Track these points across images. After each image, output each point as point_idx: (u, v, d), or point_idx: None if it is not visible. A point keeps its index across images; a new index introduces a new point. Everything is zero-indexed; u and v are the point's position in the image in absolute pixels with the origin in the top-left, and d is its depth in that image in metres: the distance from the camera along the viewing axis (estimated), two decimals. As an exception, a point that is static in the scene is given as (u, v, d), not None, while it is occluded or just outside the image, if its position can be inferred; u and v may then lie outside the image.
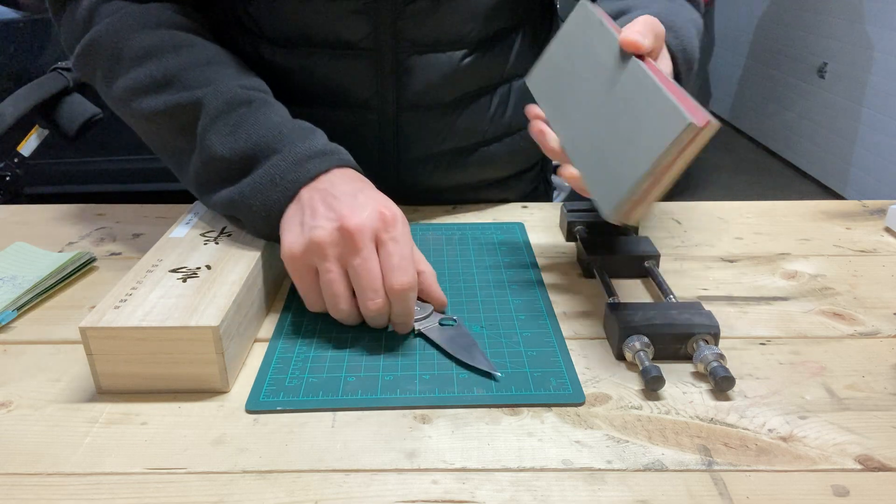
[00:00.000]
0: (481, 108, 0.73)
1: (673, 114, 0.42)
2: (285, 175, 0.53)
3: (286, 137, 0.54)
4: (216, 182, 0.56)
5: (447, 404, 0.45)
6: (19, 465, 0.40)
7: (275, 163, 0.53)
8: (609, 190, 0.46)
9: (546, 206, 0.77)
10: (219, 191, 0.56)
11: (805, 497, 0.38)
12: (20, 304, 0.56)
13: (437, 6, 0.65)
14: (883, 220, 0.73)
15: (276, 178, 0.53)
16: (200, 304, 0.46)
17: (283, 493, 0.38)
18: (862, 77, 3.00)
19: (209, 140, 0.55)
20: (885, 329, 0.53)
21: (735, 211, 0.76)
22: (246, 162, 0.54)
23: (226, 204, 0.56)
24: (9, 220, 0.74)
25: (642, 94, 0.45)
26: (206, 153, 0.55)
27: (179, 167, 0.60)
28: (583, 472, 0.39)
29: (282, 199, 0.52)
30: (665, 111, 0.43)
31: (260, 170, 0.54)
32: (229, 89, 0.56)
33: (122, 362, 0.45)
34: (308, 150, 0.54)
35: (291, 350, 0.50)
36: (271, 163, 0.53)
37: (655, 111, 0.44)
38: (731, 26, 4.10)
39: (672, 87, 0.44)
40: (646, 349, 0.48)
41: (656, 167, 0.43)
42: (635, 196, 0.45)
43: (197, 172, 0.57)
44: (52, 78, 1.42)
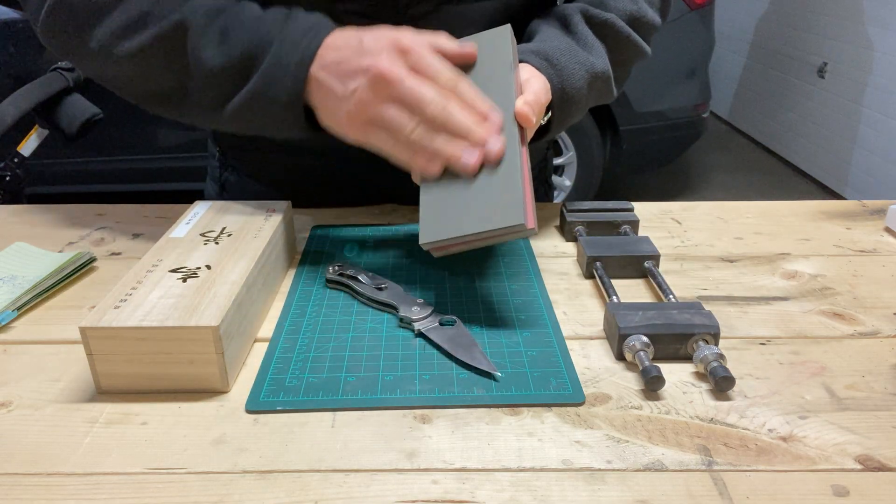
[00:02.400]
0: None
1: (515, 208, 0.48)
2: (289, 60, 0.53)
3: (273, 27, 0.55)
4: (223, 95, 0.57)
5: (447, 404, 0.45)
6: (19, 465, 0.40)
7: (275, 53, 0.54)
8: (434, 226, 0.51)
9: (546, 207, 0.77)
10: (229, 102, 0.56)
11: (805, 497, 0.38)
12: (20, 304, 0.56)
13: (437, 11, 0.65)
14: (883, 220, 0.73)
15: (283, 65, 0.54)
16: (200, 304, 0.46)
17: (283, 493, 0.38)
18: (862, 77, 3.00)
19: (203, 57, 0.55)
20: (885, 329, 0.53)
21: (735, 211, 0.76)
22: (246, 63, 0.55)
23: (241, 110, 0.56)
24: (9, 220, 0.74)
25: (505, 170, 0.51)
26: (203, 71, 0.56)
27: (180, 102, 0.59)
28: (583, 472, 0.39)
29: (296, 82, 0.53)
30: (511, 200, 0.49)
31: (263, 64, 0.54)
32: (202, 2, 0.57)
33: (122, 362, 0.45)
34: (298, 31, 0.54)
35: (291, 350, 0.50)
36: (271, 54, 0.54)
37: (505, 192, 0.50)
38: (731, 26, 4.10)
39: (527, 180, 0.51)
40: (646, 349, 0.48)
41: (477, 236, 0.49)
42: (451, 241, 0.50)
43: (200, 95, 0.57)
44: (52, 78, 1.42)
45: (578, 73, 0.62)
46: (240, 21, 0.56)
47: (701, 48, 2.76)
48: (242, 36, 0.55)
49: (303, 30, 0.54)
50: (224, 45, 0.55)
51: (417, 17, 0.65)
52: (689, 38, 2.72)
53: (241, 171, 0.80)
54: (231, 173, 0.81)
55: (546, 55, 0.61)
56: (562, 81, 0.61)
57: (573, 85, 0.61)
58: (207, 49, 0.55)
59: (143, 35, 0.57)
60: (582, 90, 0.62)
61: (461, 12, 0.66)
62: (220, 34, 0.55)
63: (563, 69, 0.61)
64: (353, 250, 0.66)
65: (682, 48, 2.70)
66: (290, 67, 0.53)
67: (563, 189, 2.79)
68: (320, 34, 0.54)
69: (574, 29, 0.65)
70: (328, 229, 0.70)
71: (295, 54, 0.53)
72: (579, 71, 0.62)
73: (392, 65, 0.50)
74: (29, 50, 2.39)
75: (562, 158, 2.75)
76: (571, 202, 0.70)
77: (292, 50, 0.54)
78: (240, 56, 0.55)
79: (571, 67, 0.61)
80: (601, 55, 0.65)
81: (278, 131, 0.58)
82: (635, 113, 2.68)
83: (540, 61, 0.60)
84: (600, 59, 0.65)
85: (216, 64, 0.55)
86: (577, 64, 0.62)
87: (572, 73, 0.61)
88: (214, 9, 0.56)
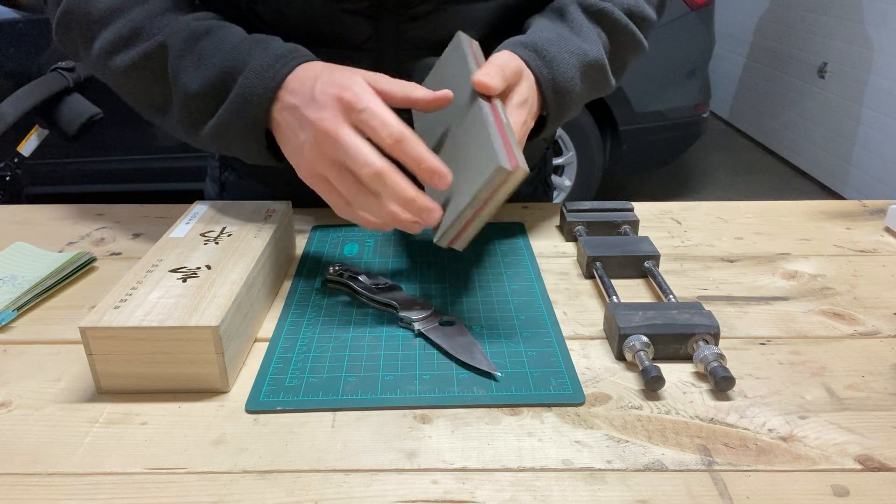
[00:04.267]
0: None
1: (490, 156, 0.47)
2: (254, 90, 0.54)
3: (246, 55, 0.55)
4: (199, 119, 0.57)
5: (447, 404, 0.45)
6: (19, 465, 0.40)
7: (242, 83, 0.54)
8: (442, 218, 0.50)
9: (546, 206, 0.77)
10: (204, 126, 0.57)
11: (805, 497, 0.38)
12: (20, 304, 0.56)
13: (439, 10, 0.65)
14: (883, 220, 0.73)
15: (248, 96, 0.54)
16: (200, 304, 0.46)
17: (283, 493, 0.38)
18: (862, 77, 3.00)
19: (181, 80, 0.57)
20: (885, 329, 0.53)
21: (735, 211, 0.76)
22: (218, 90, 0.56)
23: (213, 136, 0.57)
24: (9, 220, 0.74)
25: (476, 133, 0.50)
26: (182, 93, 0.57)
27: (164, 117, 0.61)
28: (583, 472, 0.39)
29: (258, 114, 0.54)
30: (486, 153, 0.48)
31: (231, 93, 0.55)
32: (186, 25, 0.57)
33: (122, 362, 0.45)
34: (267, 59, 0.54)
35: (291, 350, 0.50)
36: (239, 83, 0.54)
37: (481, 151, 0.49)
38: (731, 26, 4.10)
39: (502, 131, 0.49)
40: (646, 349, 0.48)
41: (475, 201, 0.48)
42: (458, 225, 0.49)
43: (181, 115, 0.58)
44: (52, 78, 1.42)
45: (569, 62, 0.61)
46: (217, 47, 0.56)
47: (701, 48, 2.76)
48: (216, 62, 0.56)
49: (269, 62, 0.54)
50: (200, 70, 0.56)
51: (418, 18, 0.65)
52: (689, 38, 2.72)
53: (241, 171, 0.80)
54: (231, 173, 0.81)
55: (534, 46, 0.60)
56: (552, 72, 0.60)
57: (564, 74, 0.60)
58: (185, 72, 0.57)
59: (133, 51, 0.58)
60: (575, 80, 0.61)
61: (461, 12, 0.66)
62: (198, 59, 0.56)
63: (553, 59, 0.60)
64: (353, 250, 0.66)
65: (682, 48, 2.70)
66: (255, 100, 0.54)
67: (563, 189, 2.79)
68: (285, 67, 0.54)
69: (568, 17, 0.64)
70: (328, 229, 0.70)
71: (259, 86, 0.54)
72: (570, 59, 0.61)
73: (334, 123, 0.48)
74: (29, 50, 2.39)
75: (562, 158, 2.75)
76: (571, 202, 0.70)
77: (258, 81, 0.54)
78: (212, 82, 0.56)
79: (562, 57, 0.60)
80: (594, 42, 0.64)
81: (250, 159, 0.59)
82: (635, 113, 2.68)
83: (528, 53, 0.59)
84: (593, 46, 0.63)
85: (192, 88, 0.56)
86: (567, 53, 0.61)
87: (563, 62, 0.60)
88: (197, 32, 0.57)
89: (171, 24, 0.58)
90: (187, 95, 0.57)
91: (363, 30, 0.65)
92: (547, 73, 0.59)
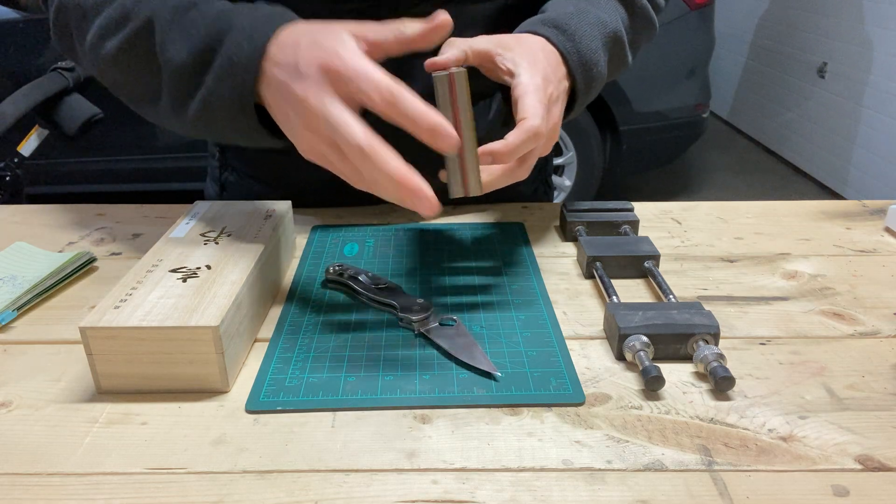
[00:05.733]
0: (480, 113, 0.73)
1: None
2: (240, 54, 0.50)
3: (230, 19, 0.52)
4: (187, 94, 0.54)
5: (447, 404, 0.45)
6: (19, 465, 0.40)
7: (226, 45, 0.51)
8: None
9: (546, 206, 0.77)
10: (192, 101, 0.53)
11: (805, 497, 0.38)
12: (20, 304, 0.56)
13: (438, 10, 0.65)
14: (883, 220, 0.73)
15: (234, 58, 0.50)
16: (200, 304, 0.46)
17: (283, 493, 0.38)
18: (862, 77, 3.00)
19: (168, 54, 0.53)
20: (885, 329, 0.53)
21: (735, 211, 0.76)
22: (204, 57, 0.52)
23: (202, 109, 0.53)
24: (9, 220, 0.74)
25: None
26: (169, 68, 0.53)
27: (157, 106, 0.57)
28: (583, 472, 0.39)
29: (246, 77, 0.50)
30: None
31: (217, 59, 0.51)
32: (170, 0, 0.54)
33: (122, 362, 0.45)
34: (252, 22, 0.51)
35: (291, 350, 0.50)
36: (224, 47, 0.51)
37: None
38: (731, 26, 4.10)
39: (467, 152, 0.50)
40: (646, 349, 0.48)
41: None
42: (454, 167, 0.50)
43: (169, 94, 0.55)
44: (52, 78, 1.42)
45: (592, 34, 0.60)
46: (203, 16, 0.53)
47: (701, 48, 2.76)
48: (201, 30, 0.52)
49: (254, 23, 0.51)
50: (185, 41, 0.53)
51: (418, 18, 0.65)
52: (689, 38, 2.72)
53: (241, 171, 0.80)
54: (231, 173, 0.81)
55: (555, 23, 0.59)
56: (576, 45, 0.58)
57: (589, 47, 0.59)
58: (172, 45, 0.53)
59: (122, 33, 0.56)
60: (598, 52, 0.60)
61: (461, 12, 0.66)
62: (183, 29, 0.53)
63: (575, 32, 0.59)
64: (353, 250, 0.66)
65: (682, 48, 2.70)
66: (242, 61, 0.50)
67: (563, 189, 2.80)
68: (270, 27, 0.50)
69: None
70: (328, 229, 0.70)
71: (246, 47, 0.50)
72: (592, 31, 0.60)
73: (318, 98, 0.45)
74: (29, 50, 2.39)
75: (562, 158, 2.75)
76: (571, 202, 0.70)
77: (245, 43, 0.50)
78: (198, 50, 0.52)
79: (584, 30, 0.59)
80: (613, 13, 0.64)
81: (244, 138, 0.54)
82: (635, 113, 2.68)
83: (550, 30, 0.58)
84: (612, 17, 0.63)
85: (178, 60, 0.53)
86: (588, 25, 0.60)
87: (585, 34, 0.59)
88: (182, 5, 0.54)
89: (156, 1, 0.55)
90: (174, 69, 0.53)
91: (363, 30, 0.65)
92: (571, 47, 0.58)
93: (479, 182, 0.51)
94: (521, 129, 0.51)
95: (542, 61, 0.55)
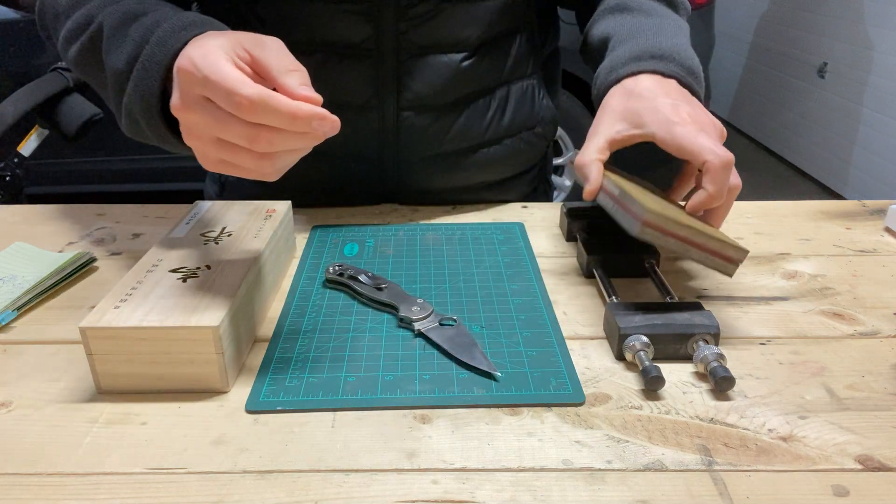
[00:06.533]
0: (480, 111, 0.73)
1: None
2: (151, 62, 0.49)
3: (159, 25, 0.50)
4: (119, 100, 0.53)
5: (447, 404, 0.45)
6: (19, 465, 0.40)
7: (144, 54, 0.50)
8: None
9: (546, 206, 0.77)
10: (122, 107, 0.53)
11: (805, 497, 0.38)
12: (20, 304, 0.56)
13: (438, 9, 0.65)
14: (883, 220, 0.73)
15: (147, 64, 0.49)
16: (200, 304, 0.46)
17: (283, 493, 0.38)
18: (862, 77, 3.00)
19: (110, 60, 0.53)
20: (885, 329, 0.53)
21: (735, 211, 0.75)
22: (132, 63, 0.51)
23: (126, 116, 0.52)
24: (9, 220, 0.74)
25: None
26: (110, 73, 0.53)
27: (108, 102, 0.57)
28: (583, 472, 0.39)
29: (153, 84, 0.49)
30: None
31: (136, 67, 0.50)
32: (123, 7, 0.54)
33: (122, 362, 0.45)
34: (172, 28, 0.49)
35: (291, 350, 0.50)
36: (142, 56, 0.50)
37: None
38: (731, 26, 4.10)
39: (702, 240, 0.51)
40: (646, 349, 0.48)
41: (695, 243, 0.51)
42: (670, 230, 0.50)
43: (112, 97, 0.54)
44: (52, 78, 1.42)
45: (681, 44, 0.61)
46: (143, 25, 0.52)
47: (701, 48, 2.74)
48: (136, 38, 0.51)
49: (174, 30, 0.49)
50: (123, 48, 0.52)
51: (418, 17, 0.66)
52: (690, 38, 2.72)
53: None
54: (231, 173, 0.81)
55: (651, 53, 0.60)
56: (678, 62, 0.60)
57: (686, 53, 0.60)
58: (114, 52, 0.53)
59: (81, 39, 0.56)
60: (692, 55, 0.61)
61: (461, 12, 0.67)
62: (125, 38, 0.52)
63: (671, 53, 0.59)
64: (353, 250, 0.66)
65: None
66: (152, 68, 0.49)
67: (563, 189, 2.79)
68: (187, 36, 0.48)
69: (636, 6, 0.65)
70: (328, 229, 0.70)
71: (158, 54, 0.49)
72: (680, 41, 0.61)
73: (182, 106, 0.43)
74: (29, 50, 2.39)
75: (562, 158, 2.75)
76: (571, 202, 0.70)
77: (157, 50, 0.49)
78: (131, 57, 0.51)
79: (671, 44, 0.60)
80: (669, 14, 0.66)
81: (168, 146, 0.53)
82: (635, 113, 2.68)
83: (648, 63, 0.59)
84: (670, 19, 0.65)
85: (116, 66, 0.52)
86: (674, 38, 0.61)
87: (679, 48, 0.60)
88: (131, 14, 0.54)
89: (112, 8, 0.55)
90: (112, 76, 0.53)
91: (363, 30, 0.65)
92: (676, 69, 0.59)
93: (737, 246, 0.51)
94: (709, 173, 0.52)
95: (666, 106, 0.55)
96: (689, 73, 0.60)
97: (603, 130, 0.57)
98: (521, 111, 0.76)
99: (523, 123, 0.77)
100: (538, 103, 0.78)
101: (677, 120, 0.53)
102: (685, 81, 0.59)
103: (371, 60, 0.67)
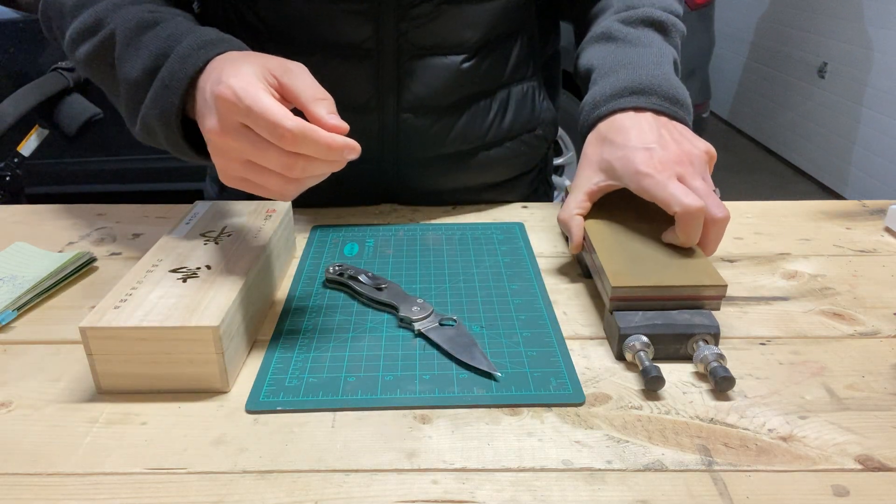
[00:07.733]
0: (481, 112, 0.73)
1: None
2: (174, 75, 0.51)
3: (178, 40, 0.52)
4: (134, 109, 0.55)
5: (447, 404, 0.45)
6: (19, 465, 0.40)
7: (165, 67, 0.52)
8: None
9: (546, 206, 0.77)
10: (137, 117, 0.55)
11: (805, 497, 0.38)
12: (20, 304, 0.56)
13: (438, 10, 0.65)
14: (883, 220, 0.73)
15: (167, 80, 0.51)
16: (200, 304, 0.46)
17: (283, 493, 0.38)
18: (862, 77, 3.00)
19: (123, 69, 0.55)
20: (885, 329, 0.53)
21: (735, 211, 0.76)
22: (149, 75, 0.53)
23: (142, 126, 0.55)
24: (9, 220, 0.74)
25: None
26: (123, 83, 0.55)
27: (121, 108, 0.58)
28: (583, 472, 0.39)
29: (174, 99, 0.51)
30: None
31: (155, 82, 0.52)
32: (136, 15, 0.56)
33: (122, 362, 0.45)
34: (192, 45, 0.51)
35: (291, 350, 0.50)
36: (162, 71, 0.52)
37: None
38: (731, 26, 4.10)
39: None
40: (646, 349, 0.48)
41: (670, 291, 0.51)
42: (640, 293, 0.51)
43: (124, 106, 0.56)
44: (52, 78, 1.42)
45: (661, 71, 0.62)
46: (157, 35, 0.54)
47: (701, 48, 2.76)
48: (152, 49, 0.53)
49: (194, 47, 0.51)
50: (138, 59, 0.54)
51: (418, 17, 0.65)
52: (689, 38, 2.70)
53: (241, 171, 0.80)
54: (231, 173, 0.81)
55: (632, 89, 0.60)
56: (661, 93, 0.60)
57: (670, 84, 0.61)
58: (128, 61, 0.54)
59: (92, 41, 0.57)
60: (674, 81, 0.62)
61: (461, 12, 0.67)
62: (140, 48, 0.54)
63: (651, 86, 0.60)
64: (353, 250, 0.66)
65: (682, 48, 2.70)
66: (173, 85, 0.51)
67: (564, 189, 2.80)
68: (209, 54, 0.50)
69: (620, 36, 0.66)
70: (328, 229, 0.70)
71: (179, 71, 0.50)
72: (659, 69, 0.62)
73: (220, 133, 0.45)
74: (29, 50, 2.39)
75: (562, 158, 2.75)
76: (571, 202, 0.70)
77: (178, 66, 0.51)
78: (146, 69, 0.53)
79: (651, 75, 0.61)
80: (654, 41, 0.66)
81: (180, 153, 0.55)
82: (636, 113, 2.68)
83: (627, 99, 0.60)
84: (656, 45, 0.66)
85: (131, 76, 0.54)
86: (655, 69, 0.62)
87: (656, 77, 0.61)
88: (144, 22, 0.55)
89: (124, 14, 0.56)
90: (127, 84, 0.55)
91: (363, 30, 0.65)
92: (659, 102, 0.60)
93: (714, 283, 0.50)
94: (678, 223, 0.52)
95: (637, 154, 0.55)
96: (673, 102, 0.60)
97: (581, 184, 0.60)
98: (521, 113, 0.76)
99: (524, 125, 0.77)
100: (539, 105, 0.78)
101: (646, 171, 0.54)
102: (664, 111, 0.60)
103: (372, 61, 0.67)
